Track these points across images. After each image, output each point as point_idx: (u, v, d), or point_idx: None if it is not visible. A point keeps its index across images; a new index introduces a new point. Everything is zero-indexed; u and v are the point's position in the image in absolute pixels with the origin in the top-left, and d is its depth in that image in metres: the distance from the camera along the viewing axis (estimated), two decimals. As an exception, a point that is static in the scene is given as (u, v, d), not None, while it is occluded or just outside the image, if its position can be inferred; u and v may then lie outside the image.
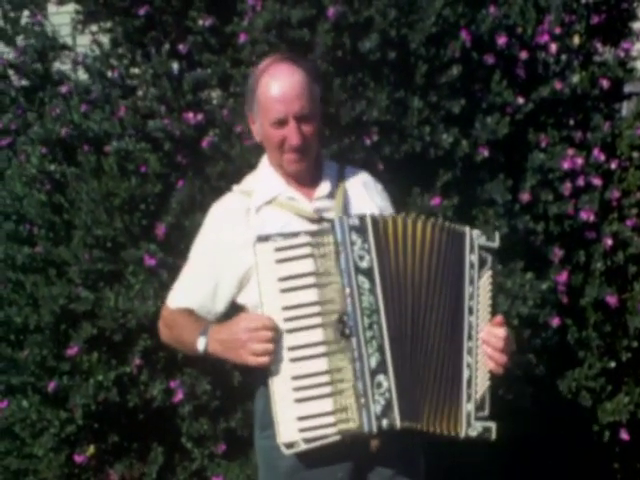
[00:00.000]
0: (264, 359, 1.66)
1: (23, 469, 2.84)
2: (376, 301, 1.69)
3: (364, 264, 1.69)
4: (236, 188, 1.93)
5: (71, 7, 3.01)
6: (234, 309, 1.89)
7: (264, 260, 1.66)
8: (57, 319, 2.63)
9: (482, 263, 1.76)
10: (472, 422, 1.73)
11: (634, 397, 2.85)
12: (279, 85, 1.77)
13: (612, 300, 2.76)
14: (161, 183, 2.61)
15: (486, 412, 1.74)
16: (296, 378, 1.66)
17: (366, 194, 1.94)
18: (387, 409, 1.66)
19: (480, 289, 1.76)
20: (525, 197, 2.71)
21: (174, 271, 2.20)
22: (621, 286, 2.85)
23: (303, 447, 1.66)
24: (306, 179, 1.88)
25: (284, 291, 1.66)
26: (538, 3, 2.81)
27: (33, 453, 2.74)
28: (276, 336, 1.65)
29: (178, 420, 2.63)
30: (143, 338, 2.58)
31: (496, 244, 1.78)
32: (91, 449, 2.70)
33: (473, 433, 1.73)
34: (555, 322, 2.71)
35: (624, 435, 2.83)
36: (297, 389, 1.66)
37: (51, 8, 3.02)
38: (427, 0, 2.61)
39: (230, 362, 2.51)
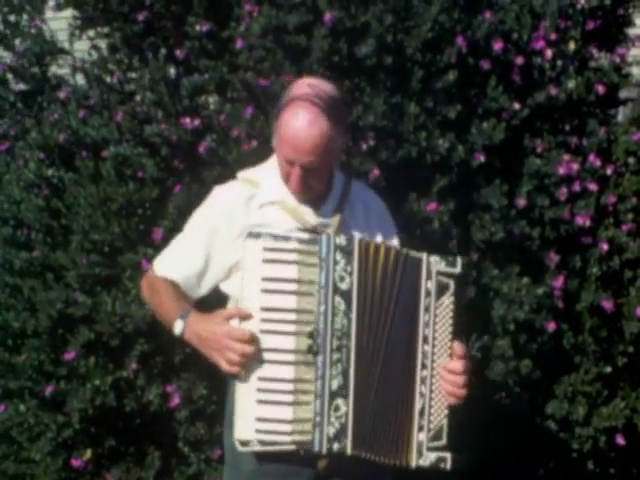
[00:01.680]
0: (236, 369, 1.66)
1: (20, 473, 2.84)
2: (349, 324, 1.68)
3: (343, 285, 1.68)
4: (241, 176, 1.91)
5: (69, 12, 3.03)
6: (215, 294, 1.89)
7: (251, 257, 1.66)
8: (54, 324, 2.64)
9: (442, 289, 1.73)
10: (424, 452, 1.72)
11: (630, 402, 2.85)
12: (296, 131, 1.70)
13: (608, 305, 2.76)
14: (158, 188, 2.62)
15: (443, 442, 1.72)
16: (262, 379, 1.67)
17: (366, 214, 1.92)
18: (340, 433, 1.67)
19: (438, 317, 1.73)
20: (521, 202, 2.71)
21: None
22: (617, 291, 2.85)
23: (256, 448, 1.67)
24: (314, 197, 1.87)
25: (265, 291, 1.66)
26: (534, 9, 2.82)
27: (30, 457, 2.75)
28: (253, 350, 1.64)
29: (175, 424, 2.64)
30: (140, 343, 2.59)
31: (457, 269, 1.74)
32: (88, 453, 2.70)
33: (425, 463, 1.72)
34: (551, 327, 2.71)
35: (620, 440, 2.83)
36: (261, 390, 1.66)
37: (49, 13, 3.03)
38: (423, 6, 2.62)
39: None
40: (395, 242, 1.95)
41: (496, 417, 2.74)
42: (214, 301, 1.92)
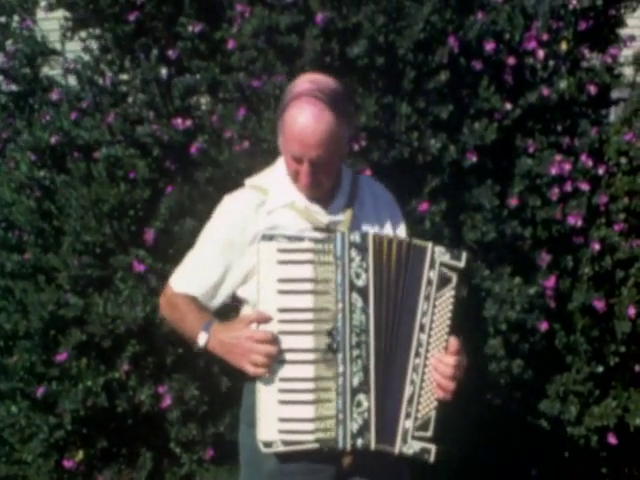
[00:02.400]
0: (262, 371, 1.67)
1: (12, 475, 2.84)
2: (367, 321, 1.69)
3: (360, 282, 1.69)
4: (249, 183, 1.90)
5: (60, 13, 3.01)
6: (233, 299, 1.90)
7: (266, 259, 1.67)
8: (46, 325, 2.63)
9: (444, 281, 1.71)
10: (408, 440, 1.70)
11: (622, 401, 2.85)
12: (302, 126, 1.69)
13: (600, 305, 2.76)
14: (150, 189, 2.62)
15: (429, 433, 1.70)
16: (283, 380, 1.68)
17: (376, 208, 1.92)
18: (364, 429, 1.68)
19: (437, 307, 1.72)
20: (513, 202, 2.72)
21: (163, 277, 2.21)
22: (609, 291, 2.85)
23: (280, 448, 1.68)
24: (323, 195, 1.86)
25: (281, 292, 1.67)
26: (526, 9, 2.82)
27: (22, 459, 2.75)
28: (277, 350, 1.66)
29: (167, 425, 2.64)
30: (132, 344, 2.59)
31: (461, 264, 1.72)
32: (80, 454, 2.70)
33: (409, 451, 1.70)
34: (543, 327, 2.72)
35: (612, 439, 2.83)
36: (282, 391, 1.67)
37: (40, 14, 3.01)
38: (415, 6, 2.62)
39: (219, 366, 2.57)
40: (403, 232, 1.95)
41: (488, 416, 2.75)
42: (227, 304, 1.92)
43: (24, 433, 2.72)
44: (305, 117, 1.69)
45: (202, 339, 1.76)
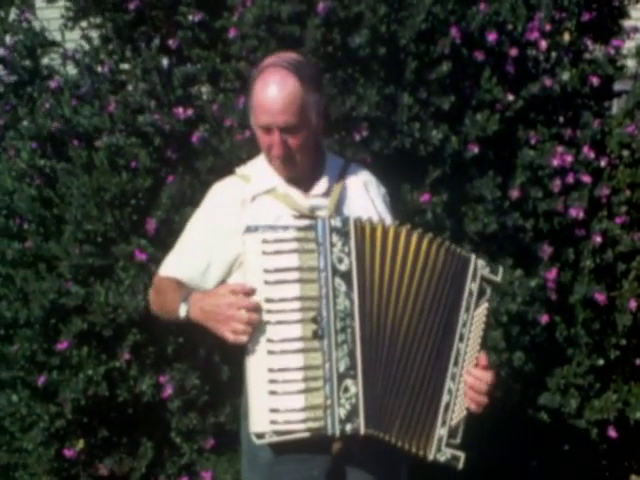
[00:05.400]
0: (243, 338, 1.66)
1: (13, 463, 2.84)
2: (351, 305, 1.68)
3: (342, 267, 1.68)
4: (238, 172, 1.93)
5: (61, 2, 3.01)
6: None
7: (251, 250, 1.67)
8: (47, 314, 2.64)
9: (481, 293, 1.75)
10: (442, 447, 1.72)
11: (622, 395, 2.85)
12: (267, 94, 1.73)
13: (601, 298, 2.76)
14: (151, 178, 2.62)
15: (458, 440, 1.73)
16: (272, 370, 1.67)
17: (366, 195, 1.92)
18: (352, 414, 1.67)
19: (475, 318, 1.74)
20: (514, 194, 2.71)
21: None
22: (610, 284, 2.85)
23: (273, 439, 1.67)
24: (303, 177, 1.86)
25: (268, 283, 1.66)
26: (528, 0, 2.81)
27: (23, 447, 2.75)
28: (258, 318, 1.65)
29: (167, 415, 2.63)
30: (133, 333, 2.59)
31: (498, 278, 1.76)
32: (80, 443, 2.71)
33: (442, 458, 1.72)
34: (544, 319, 2.72)
35: (612, 433, 2.83)
36: (272, 381, 1.66)
37: (40, 3, 3.01)
38: (417, -4, 2.61)
39: (220, 356, 2.57)
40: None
41: (488, 409, 2.74)
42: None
43: (25, 422, 2.73)
44: (269, 84, 1.73)
45: (182, 310, 1.76)
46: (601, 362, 2.83)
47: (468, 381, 1.73)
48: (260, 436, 1.68)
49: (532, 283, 2.70)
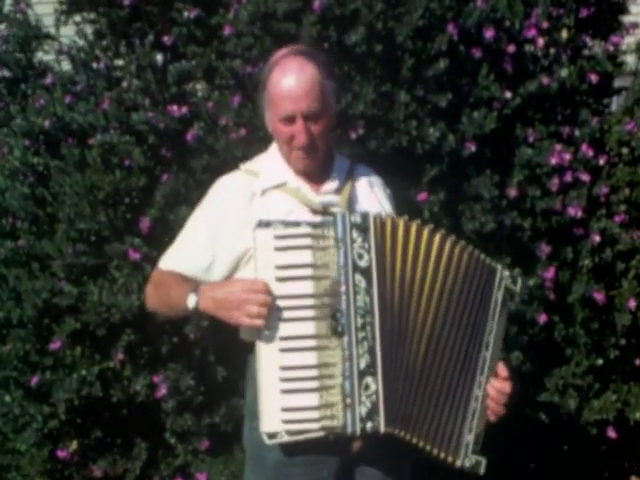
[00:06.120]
0: (259, 321, 1.62)
1: (5, 464, 2.83)
2: (371, 301, 1.66)
3: (362, 263, 1.66)
4: (243, 167, 1.90)
5: (55, -4, 2.99)
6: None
7: (263, 246, 1.64)
8: (40, 313, 2.62)
9: (504, 303, 1.78)
10: (469, 454, 1.74)
11: (622, 395, 2.83)
12: (288, 81, 1.72)
13: (600, 297, 2.74)
14: (145, 176, 2.59)
15: (479, 446, 1.76)
16: (284, 369, 1.63)
17: (373, 196, 1.92)
18: (373, 412, 1.64)
19: (496, 327, 1.76)
20: (512, 192, 2.69)
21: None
22: (609, 283, 2.83)
23: (285, 439, 1.64)
24: (315, 173, 1.85)
25: (280, 280, 1.64)
26: (526, -4, 2.79)
27: (16, 448, 2.74)
28: (272, 302, 1.62)
29: (162, 415, 2.62)
30: (127, 333, 2.57)
31: (517, 289, 1.80)
32: (74, 444, 2.69)
33: (467, 464, 1.74)
34: (542, 319, 2.70)
35: (611, 433, 2.81)
36: (284, 380, 1.63)
37: (34, -3, 2.99)
38: (414, -7, 2.59)
39: (215, 356, 2.54)
40: None
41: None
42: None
43: (18, 422, 2.71)
44: (288, 73, 1.74)
45: (192, 300, 1.71)
46: (600, 362, 2.81)
47: (490, 393, 1.76)
48: (272, 436, 1.65)
49: (530, 282, 2.69)
